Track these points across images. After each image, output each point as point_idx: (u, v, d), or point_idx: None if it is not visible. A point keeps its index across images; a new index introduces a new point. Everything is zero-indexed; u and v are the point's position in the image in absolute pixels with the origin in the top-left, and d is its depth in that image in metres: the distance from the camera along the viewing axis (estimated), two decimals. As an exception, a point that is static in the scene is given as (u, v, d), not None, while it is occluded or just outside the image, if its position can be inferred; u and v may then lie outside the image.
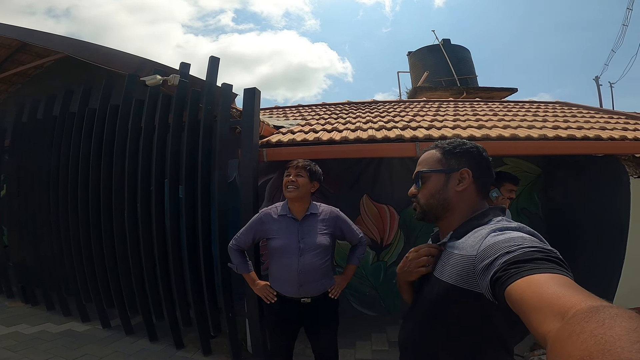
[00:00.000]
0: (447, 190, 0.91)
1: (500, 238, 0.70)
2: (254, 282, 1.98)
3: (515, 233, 0.72)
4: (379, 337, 3.25)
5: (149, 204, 3.09)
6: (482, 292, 0.69)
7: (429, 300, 0.87)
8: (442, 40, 9.64)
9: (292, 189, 1.85)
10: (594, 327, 0.38)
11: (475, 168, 0.91)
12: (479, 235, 0.78)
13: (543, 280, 0.55)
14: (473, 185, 0.91)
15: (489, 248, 0.70)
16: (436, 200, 0.92)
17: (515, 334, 0.80)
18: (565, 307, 0.46)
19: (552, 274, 0.56)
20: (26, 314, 3.71)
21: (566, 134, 3.06)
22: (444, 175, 0.92)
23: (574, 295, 0.48)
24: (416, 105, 5.53)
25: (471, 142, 0.96)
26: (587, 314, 0.41)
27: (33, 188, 3.85)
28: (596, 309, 0.42)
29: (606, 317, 0.39)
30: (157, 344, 3.07)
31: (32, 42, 4.12)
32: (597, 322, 0.39)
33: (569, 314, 0.44)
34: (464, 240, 0.82)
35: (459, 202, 0.90)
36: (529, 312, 0.52)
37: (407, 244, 3.88)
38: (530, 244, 0.66)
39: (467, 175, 0.90)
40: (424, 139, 2.98)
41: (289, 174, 1.89)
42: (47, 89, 4.38)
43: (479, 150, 0.94)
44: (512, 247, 0.66)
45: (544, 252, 0.63)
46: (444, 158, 0.94)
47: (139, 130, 3.18)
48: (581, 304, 0.45)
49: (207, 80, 3.01)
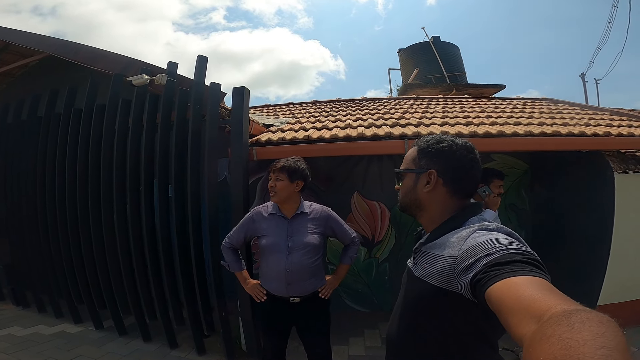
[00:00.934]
0: (417, 190, 0.92)
1: (480, 240, 0.71)
2: (246, 280, 1.99)
3: (495, 234, 0.73)
4: (372, 333, 3.29)
5: (139, 204, 3.07)
6: (462, 292, 0.70)
7: (410, 299, 0.89)
8: (432, 37, 9.70)
9: (272, 195, 1.87)
10: (562, 331, 0.39)
11: (445, 169, 0.88)
12: (459, 236, 0.78)
13: (521, 283, 0.56)
14: (443, 188, 0.88)
15: (470, 250, 0.71)
16: (409, 199, 0.94)
17: (496, 330, 0.81)
18: (541, 310, 0.47)
19: (530, 277, 0.57)
20: (18, 316, 3.67)
21: (551, 130, 3.12)
22: (415, 175, 0.93)
23: (550, 299, 0.49)
24: (406, 102, 5.57)
25: (449, 140, 0.91)
26: (559, 318, 0.42)
27: (19, 190, 3.79)
28: (569, 312, 0.43)
29: (576, 321, 0.40)
30: (151, 344, 3.07)
31: (14, 42, 4.02)
32: (567, 325, 0.40)
33: (545, 317, 0.45)
34: (443, 240, 0.82)
35: (430, 203, 0.90)
36: (507, 315, 0.53)
37: (398, 241, 3.92)
38: (509, 245, 0.67)
39: (433, 176, 0.89)
40: (412, 136, 3.00)
41: (270, 178, 1.89)
42: (32, 89, 4.29)
43: (453, 150, 0.89)
44: (491, 250, 0.67)
45: (523, 254, 0.64)
46: (417, 157, 0.93)
47: (126, 130, 3.14)
48: (556, 307, 0.46)
49: (195, 80, 2.99)
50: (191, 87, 2.99)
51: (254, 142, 3.03)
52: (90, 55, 3.43)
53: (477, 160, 0.91)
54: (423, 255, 0.88)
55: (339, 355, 2.84)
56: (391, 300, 3.86)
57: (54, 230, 3.46)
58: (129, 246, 3.08)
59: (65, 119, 3.43)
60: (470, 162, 0.89)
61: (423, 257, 0.88)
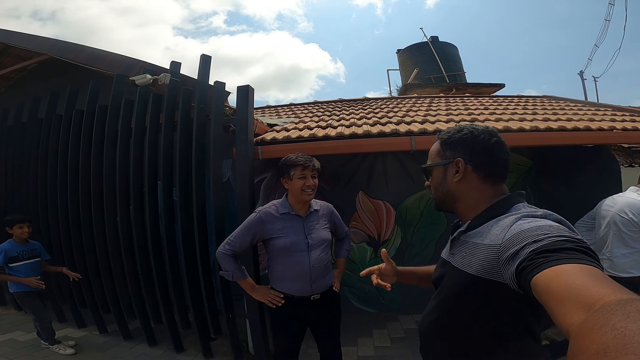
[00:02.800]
0: (447, 182, 0.90)
1: (527, 226, 0.68)
2: (254, 287, 1.88)
3: (543, 221, 0.69)
4: (380, 333, 3.25)
5: (142, 206, 3.03)
6: (506, 282, 0.67)
7: (448, 291, 0.86)
8: (430, 37, 9.73)
9: (312, 192, 1.82)
10: (617, 320, 0.37)
11: (471, 155, 0.86)
12: (503, 224, 0.74)
13: (571, 270, 0.53)
14: (473, 174, 0.86)
15: (515, 237, 0.67)
16: (441, 193, 0.92)
17: (540, 322, 0.77)
18: (593, 299, 0.45)
19: (581, 265, 0.54)
20: (20, 321, 3.61)
21: (557, 126, 3.11)
22: (442, 167, 0.91)
23: (602, 287, 0.47)
24: (408, 101, 5.56)
25: (469, 127, 0.89)
26: (613, 307, 0.40)
27: (21, 193, 3.74)
28: (624, 301, 0.40)
29: (632, 310, 0.37)
30: (156, 348, 3.02)
31: (13, 44, 3.98)
32: (622, 315, 0.37)
33: (596, 306, 0.43)
34: (485, 229, 0.79)
35: (463, 193, 0.88)
36: (555, 303, 0.50)
37: (404, 239, 3.89)
38: (558, 232, 0.63)
39: (460, 164, 0.87)
40: (419, 133, 2.99)
41: (304, 176, 1.79)
42: (31, 92, 4.25)
43: (475, 135, 0.87)
44: (539, 236, 0.63)
45: (574, 241, 0.60)
46: (441, 149, 0.92)
47: (129, 131, 3.10)
48: (610, 297, 0.43)
49: (199, 79, 2.95)
50: (195, 86, 2.95)
51: (259, 141, 3.00)
52: (92, 56, 3.40)
53: (502, 142, 0.88)
54: (462, 244, 0.85)
55: (348, 356, 2.80)
56: (398, 300, 3.85)
57: (56, 234, 3.40)
58: (132, 249, 3.04)
59: (67, 121, 3.38)
60: (495, 144, 0.87)
61: (462, 246, 0.84)
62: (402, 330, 3.29)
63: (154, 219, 3.00)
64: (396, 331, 3.30)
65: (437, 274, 0.95)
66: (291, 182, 1.81)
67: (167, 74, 2.97)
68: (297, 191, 1.80)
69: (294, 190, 1.81)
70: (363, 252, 3.89)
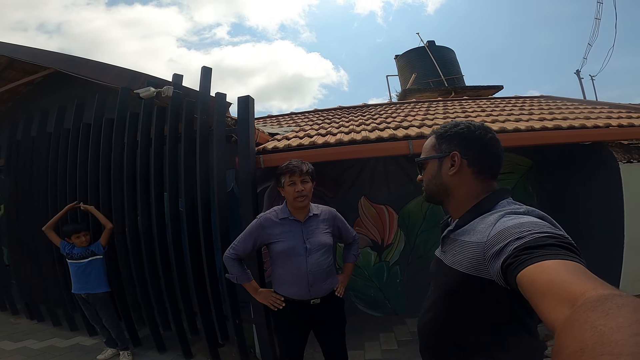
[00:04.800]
0: (441, 175, 0.90)
1: (510, 223, 0.69)
2: (257, 290, 1.93)
3: (526, 218, 0.70)
4: (387, 337, 3.26)
5: (149, 216, 3.10)
6: (493, 279, 0.68)
7: (441, 288, 0.88)
8: (427, 42, 9.85)
9: (303, 199, 1.83)
10: (596, 318, 0.37)
11: (466, 150, 0.87)
12: (488, 221, 0.76)
13: (554, 266, 0.53)
14: (468, 168, 0.87)
15: (499, 234, 0.68)
16: (434, 186, 0.93)
17: (533, 316, 0.77)
18: (575, 295, 0.45)
19: (563, 260, 0.54)
20: (32, 329, 3.68)
21: (552, 125, 3.16)
22: (437, 161, 0.92)
23: (585, 283, 0.47)
24: (407, 106, 5.64)
25: (465, 123, 0.90)
26: (594, 303, 0.40)
27: (31, 206, 3.81)
28: (605, 297, 0.40)
29: (612, 306, 0.37)
30: (166, 354, 3.07)
31: (19, 58, 4.07)
32: (601, 311, 0.37)
33: (579, 302, 0.43)
34: (472, 227, 0.80)
35: (456, 186, 0.89)
36: (539, 299, 0.51)
37: (407, 243, 3.92)
38: (541, 229, 0.64)
39: (456, 158, 0.87)
40: (416, 137, 3.05)
41: (293, 182, 1.83)
42: (39, 105, 4.36)
43: (471, 130, 0.88)
44: (522, 233, 0.64)
45: (556, 237, 0.61)
46: (437, 143, 0.93)
47: (135, 143, 3.19)
48: (591, 292, 0.43)
49: (200, 91, 3.03)
50: (197, 98, 3.03)
51: (261, 150, 3.07)
52: (95, 69, 3.48)
53: (496, 139, 0.90)
54: (451, 242, 0.87)
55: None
56: (405, 303, 3.86)
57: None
58: (141, 258, 3.10)
59: (75, 134, 3.46)
60: (490, 140, 0.89)
61: (452, 244, 0.86)
62: (409, 333, 3.30)
63: (161, 228, 3.07)
64: (403, 334, 3.31)
65: (431, 272, 0.97)
66: (284, 190, 1.88)
67: (170, 87, 3.07)
68: (290, 198, 1.86)
69: (288, 197, 1.87)
70: (367, 256, 3.92)
